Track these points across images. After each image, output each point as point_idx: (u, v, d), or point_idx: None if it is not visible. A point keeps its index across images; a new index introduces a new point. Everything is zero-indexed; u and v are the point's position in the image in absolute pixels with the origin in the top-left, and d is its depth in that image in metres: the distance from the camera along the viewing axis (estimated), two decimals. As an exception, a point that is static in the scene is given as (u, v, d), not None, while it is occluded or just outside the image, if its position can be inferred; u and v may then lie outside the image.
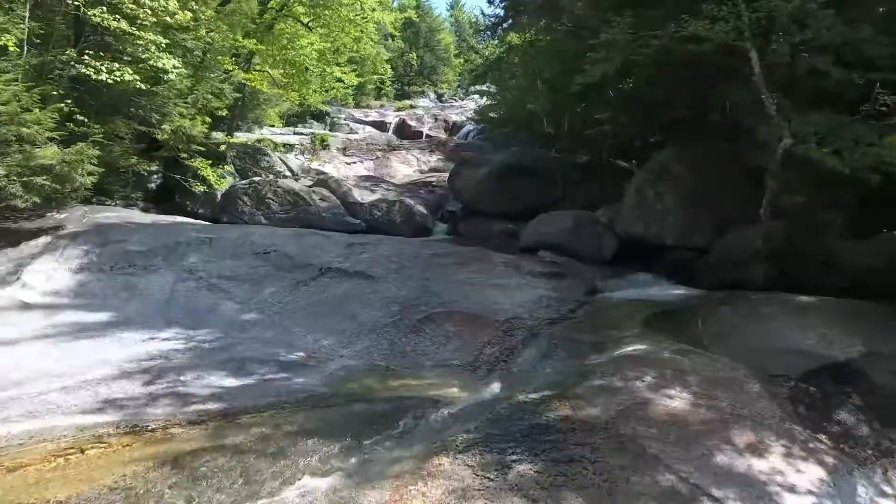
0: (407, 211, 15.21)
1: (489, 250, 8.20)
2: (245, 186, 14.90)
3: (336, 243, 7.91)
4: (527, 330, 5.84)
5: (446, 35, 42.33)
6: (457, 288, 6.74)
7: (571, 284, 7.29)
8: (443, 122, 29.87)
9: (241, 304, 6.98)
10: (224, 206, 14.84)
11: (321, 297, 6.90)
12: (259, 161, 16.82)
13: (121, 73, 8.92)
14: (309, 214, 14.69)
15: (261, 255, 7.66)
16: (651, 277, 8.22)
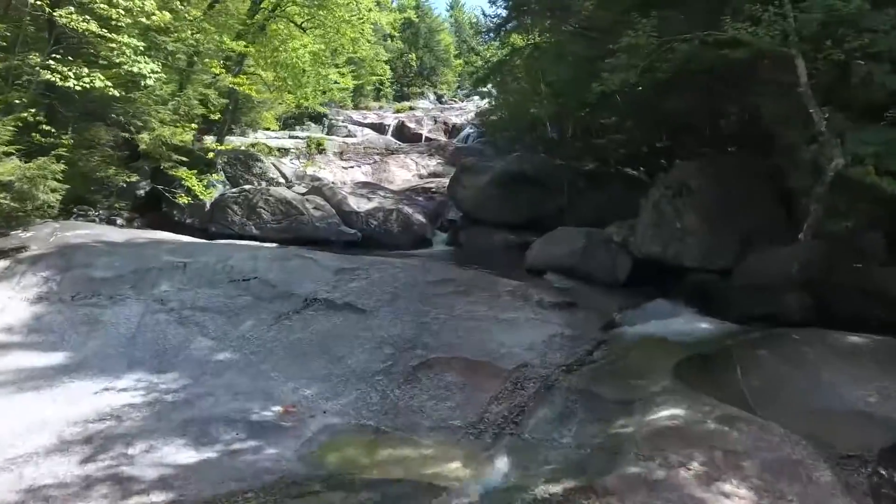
0: (405, 220, 14.35)
1: (493, 275, 7.31)
2: (235, 195, 14.03)
3: (324, 268, 7.03)
4: (539, 380, 4.97)
5: (446, 36, 41.35)
6: (458, 325, 5.87)
7: (586, 317, 6.42)
8: (442, 124, 28.96)
9: (215, 341, 6.11)
10: (213, 215, 13.97)
11: (305, 333, 6.03)
12: (251, 167, 15.94)
13: (90, 78, 8.03)
14: (302, 224, 13.83)
15: (239, 283, 6.79)
16: (670, 305, 7.35)
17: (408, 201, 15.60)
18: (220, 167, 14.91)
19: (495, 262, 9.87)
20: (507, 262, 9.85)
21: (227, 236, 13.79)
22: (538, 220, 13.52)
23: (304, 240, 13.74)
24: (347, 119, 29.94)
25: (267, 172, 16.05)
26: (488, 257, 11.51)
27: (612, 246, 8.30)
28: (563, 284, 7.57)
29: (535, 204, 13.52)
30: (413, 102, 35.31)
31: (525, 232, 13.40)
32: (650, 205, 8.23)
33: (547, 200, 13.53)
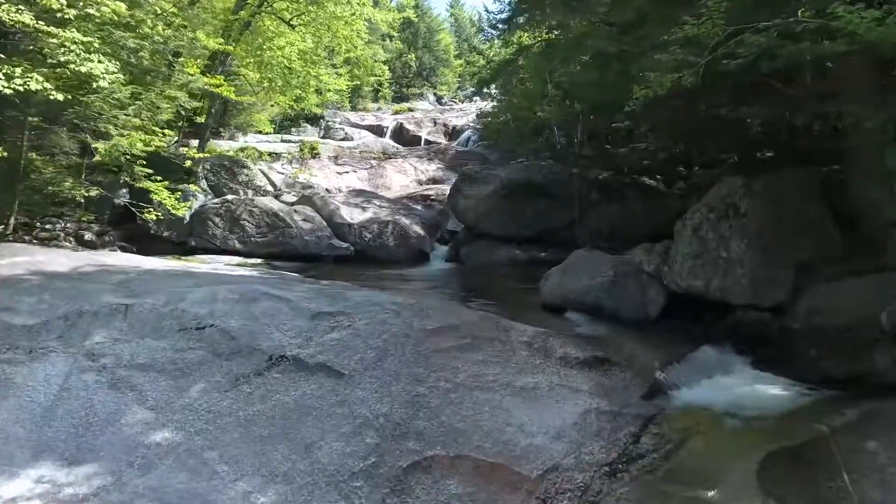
0: (401, 233, 12.91)
1: (503, 317, 5.85)
2: (217, 206, 12.59)
3: (297, 312, 5.58)
4: (576, 495, 3.54)
5: (446, 35, 39.85)
6: (463, 397, 4.43)
7: (624, 380, 4.97)
8: (443, 126, 27.51)
9: (153, 413, 4.66)
10: (193, 228, 12.53)
11: (266, 405, 4.58)
12: (237, 175, 14.48)
13: (23, 80, 6.57)
14: (289, 238, 12.39)
15: (192, 332, 5.33)
16: (718, 354, 5.92)
17: (405, 211, 14.16)
18: (201, 175, 13.46)
19: (502, 289, 8.45)
20: (516, 288, 8.42)
21: (207, 251, 12.37)
22: (547, 233, 12.11)
23: (291, 255, 12.34)
24: (345, 121, 28.51)
25: (254, 180, 14.60)
26: (493, 279, 10.08)
27: (643, 277, 6.85)
28: (588, 329, 6.11)
29: (544, 216, 12.09)
30: (412, 104, 33.84)
31: (532, 246, 11.98)
32: (688, 230, 6.78)
33: (556, 212, 12.10)
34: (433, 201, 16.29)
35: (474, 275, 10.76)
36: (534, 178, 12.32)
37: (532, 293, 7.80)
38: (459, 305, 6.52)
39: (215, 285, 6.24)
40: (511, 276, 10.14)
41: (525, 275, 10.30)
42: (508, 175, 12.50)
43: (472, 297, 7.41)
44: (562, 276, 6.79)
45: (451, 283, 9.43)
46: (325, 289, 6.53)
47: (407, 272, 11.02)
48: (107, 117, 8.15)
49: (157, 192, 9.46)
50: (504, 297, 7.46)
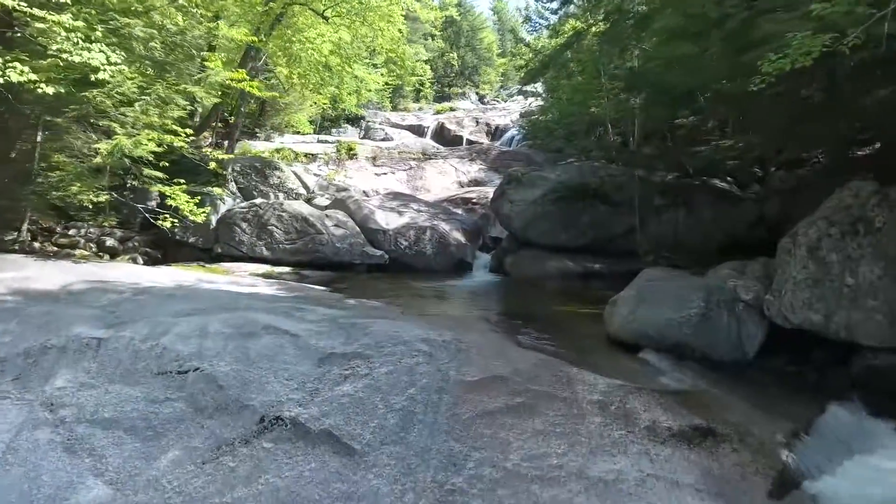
0: (440, 240, 11.61)
1: (565, 362, 4.46)
2: (244, 211, 11.58)
3: (303, 353, 4.34)
4: None
5: (489, 34, 38.35)
6: (518, 495, 3.10)
7: (741, 467, 3.51)
8: (485, 125, 26.12)
9: (111, 489, 3.52)
10: (219, 234, 11.57)
11: (251, 490, 3.34)
12: (268, 177, 13.49)
13: (2, 72, 5.58)
14: (319, 245, 11.27)
15: (172, 376, 4.17)
16: (850, 417, 4.37)
17: (444, 216, 12.86)
18: (230, 178, 12.50)
19: (557, 313, 7.03)
20: (574, 313, 6.99)
21: (234, 258, 11.38)
22: (602, 242, 10.61)
23: (321, 263, 11.22)
24: (385, 121, 27.51)
25: (286, 183, 13.57)
26: (544, 297, 8.66)
27: (739, 307, 5.32)
28: (675, 378, 4.64)
29: (599, 223, 10.59)
30: (454, 103, 32.55)
31: (586, 257, 10.50)
32: (802, 249, 5.21)
33: (613, 219, 10.58)
34: (475, 205, 14.95)
35: (522, 290, 9.37)
36: (588, 180, 10.82)
37: (593, 319, 6.37)
38: (507, 340, 5.15)
39: (212, 314, 5.06)
40: (565, 294, 8.71)
41: (580, 292, 8.86)
42: (559, 177, 11.03)
43: (521, 323, 6.02)
44: (636, 304, 5.34)
45: (496, 302, 8.07)
46: (344, 317, 5.27)
47: (445, 285, 9.72)
48: (114, 115, 7.12)
49: (175, 197, 8.43)
50: (560, 324, 6.07)
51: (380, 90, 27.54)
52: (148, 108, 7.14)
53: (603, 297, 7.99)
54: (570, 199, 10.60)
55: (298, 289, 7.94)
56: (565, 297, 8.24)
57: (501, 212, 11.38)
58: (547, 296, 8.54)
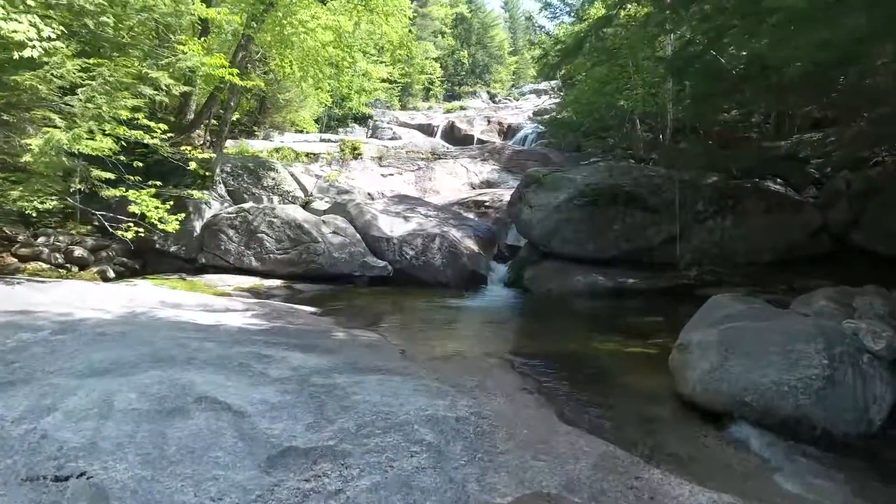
0: (451, 249, 10.08)
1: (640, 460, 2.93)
2: (231, 216, 10.12)
3: (248, 446, 2.83)
4: None
5: (500, 32, 36.71)
6: None
7: None
8: (496, 124, 24.55)
9: None
10: (204, 243, 10.12)
11: None
12: (261, 179, 12.02)
13: None
14: (315, 255, 9.78)
15: (43, 485, 2.68)
16: None
17: (455, 221, 11.34)
18: (218, 179, 11.05)
19: (598, 348, 5.47)
20: (618, 352, 5.44)
21: (220, 269, 9.94)
22: (637, 254, 9.03)
23: (317, 275, 9.74)
24: (393, 120, 26.05)
25: (281, 185, 12.09)
26: (574, 321, 7.10)
27: (863, 359, 3.74)
28: (799, 479, 3.10)
29: (633, 232, 9.00)
30: (464, 102, 30.99)
31: (618, 271, 8.92)
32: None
33: (650, 227, 9.00)
34: (488, 208, 13.41)
35: (547, 313, 7.81)
36: (619, 182, 9.24)
37: (650, 365, 4.81)
38: (545, 409, 3.61)
39: (134, 373, 3.55)
40: (600, 319, 7.15)
41: (617, 315, 7.28)
42: (586, 179, 9.45)
43: (558, 373, 4.48)
44: (721, 356, 3.76)
45: (519, 332, 6.52)
46: (321, 371, 3.77)
47: (456, 304, 8.19)
48: (53, 104, 5.65)
49: (140, 202, 6.97)
50: (609, 374, 4.50)
51: (385, 85, 26.06)
52: (93, 95, 5.67)
53: (650, 326, 6.47)
54: (599, 204, 9.03)
55: (281, 314, 6.43)
56: (602, 324, 6.67)
57: (520, 218, 9.82)
58: (579, 322, 6.97)
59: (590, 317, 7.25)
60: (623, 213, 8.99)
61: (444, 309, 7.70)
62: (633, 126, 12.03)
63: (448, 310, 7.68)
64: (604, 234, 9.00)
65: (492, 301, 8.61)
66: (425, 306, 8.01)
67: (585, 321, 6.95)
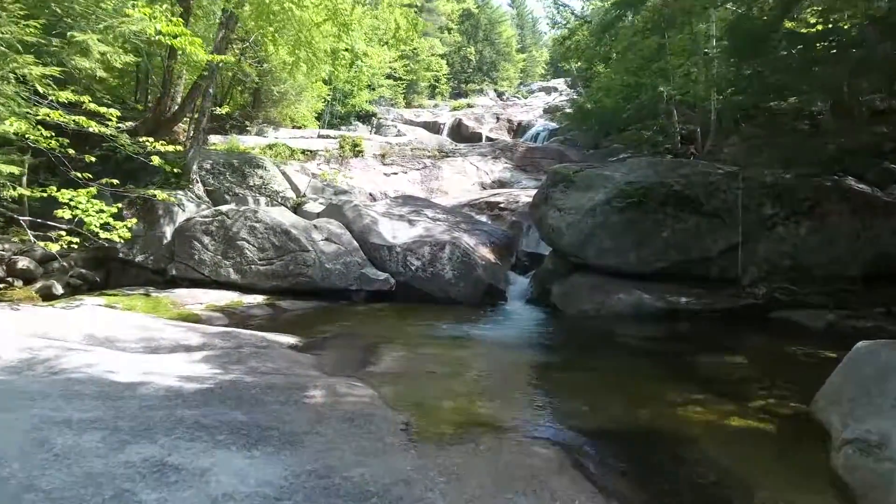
0: (463, 258, 8.37)
1: None
2: (206, 220, 8.43)
3: None
4: None
5: (507, 28, 34.86)
6: None
7: None
8: (506, 122, 22.83)
9: None
10: (175, 251, 8.43)
11: None
12: (247, 177, 10.30)
13: None
14: (303, 266, 8.09)
15: None
16: None
17: (467, 225, 9.62)
18: (195, 178, 9.35)
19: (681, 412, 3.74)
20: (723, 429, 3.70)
21: (194, 283, 8.25)
22: (689, 267, 7.29)
23: (306, 290, 8.07)
24: (398, 117, 24.33)
25: (270, 184, 10.39)
26: (625, 360, 5.34)
27: None
28: None
29: (685, 240, 7.26)
30: (471, 100, 29.25)
31: (667, 287, 7.17)
32: None
33: (705, 234, 7.25)
34: (502, 210, 11.67)
35: (587, 343, 6.07)
36: (667, 180, 7.49)
37: (768, 445, 3.10)
38: None
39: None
40: (658, 353, 5.41)
41: (678, 348, 5.55)
42: (627, 176, 7.71)
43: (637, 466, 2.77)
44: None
45: (559, 378, 4.76)
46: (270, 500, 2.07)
47: (471, 330, 6.46)
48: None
49: (75, 205, 5.28)
50: (726, 479, 2.79)
51: (390, 82, 24.41)
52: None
53: (733, 372, 4.71)
54: (643, 207, 7.29)
55: (246, 354, 4.71)
56: (666, 366, 4.92)
57: (545, 222, 8.09)
58: (634, 361, 5.22)
59: (645, 353, 5.50)
60: (673, 217, 7.24)
61: (459, 339, 5.97)
62: (668, 117, 10.27)
63: (463, 340, 5.95)
64: (649, 243, 7.26)
65: (515, 324, 6.88)
66: (434, 333, 6.29)
67: (642, 360, 5.20)
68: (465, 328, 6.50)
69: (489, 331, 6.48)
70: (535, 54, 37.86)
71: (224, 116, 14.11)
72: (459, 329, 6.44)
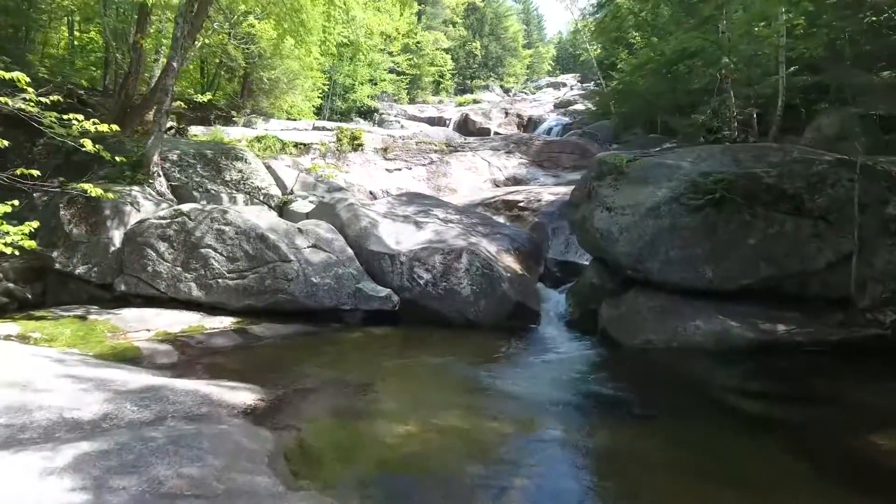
0: (485, 271, 6.46)
1: None
2: (163, 223, 6.54)
3: None
4: None
5: (514, 23, 32.89)
6: None
7: None
8: (515, 117, 20.93)
9: None
10: (125, 261, 6.54)
11: None
12: (223, 171, 8.40)
13: None
14: (284, 280, 6.20)
15: None
16: None
17: (485, 228, 7.73)
18: (156, 172, 7.46)
19: None
20: None
21: (148, 300, 6.38)
22: (785, 283, 5.37)
23: (287, 309, 6.16)
24: (401, 113, 22.44)
25: (250, 179, 8.50)
26: (748, 444, 3.43)
27: None
28: None
29: (782, 249, 5.34)
30: (477, 95, 27.35)
31: (754, 309, 5.25)
32: None
33: (809, 242, 5.33)
34: (523, 210, 9.76)
35: (661, 392, 4.18)
36: (754, 170, 5.58)
37: None
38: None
39: None
40: (777, 422, 3.52)
41: (803, 413, 3.65)
42: (699, 166, 5.81)
43: None
44: None
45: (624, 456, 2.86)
46: None
47: (498, 374, 4.59)
48: None
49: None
50: None
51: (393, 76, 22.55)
52: None
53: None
54: (725, 206, 5.39)
55: (161, 438, 2.85)
56: (799, 443, 3.06)
57: (590, 225, 6.17)
58: (748, 434, 3.32)
59: (759, 420, 3.60)
60: (764, 218, 5.34)
61: (486, 394, 4.08)
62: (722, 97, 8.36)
63: (492, 395, 4.07)
64: (732, 253, 5.36)
65: (558, 365, 4.98)
66: (452, 380, 4.42)
67: (760, 435, 3.32)
68: (493, 372, 4.62)
69: (525, 376, 4.59)
70: (542, 50, 35.93)
71: (208, 105, 12.24)
72: (485, 374, 4.55)
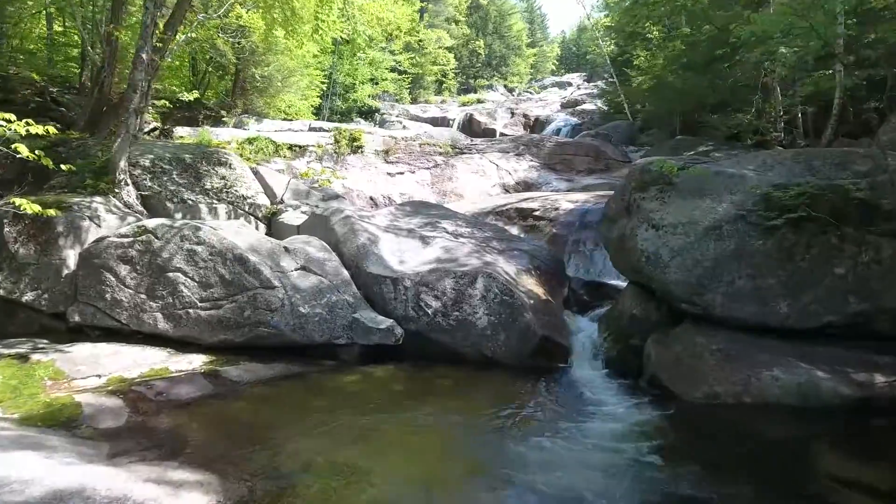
0: (504, 297, 5.34)
1: None
2: (125, 242, 5.44)
3: None
4: None
5: (518, 21, 31.73)
6: None
7: None
8: (521, 117, 19.85)
9: None
10: (79, 288, 5.45)
11: None
12: (202, 178, 7.30)
13: None
14: (266, 311, 5.08)
15: None
16: None
17: (500, 244, 6.64)
18: (123, 179, 6.37)
19: None
20: None
21: (107, 332, 5.30)
22: (875, 319, 4.26)
23: (270, 344, 5.05)
24: (403, 113, 21.34)
25: (234, 187, 7.40)
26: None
27: None
28: None
29: (877, 279, 4.23)
30: (480, 95, 26.24)
31: (838, 352, 4.13)
32: None
33: (906, 269, 4.18)
34: (538, 219, 8.68)
35: (743, 476, 3.10)
36: (840, 181, 4.48)
37: None
38: None
39: None
40: None
41: None
42: (768, 176, 4.72)
43: None
44: None
45: None
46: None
47: (523, 440, 3.53)
48: None
49: None
50: None
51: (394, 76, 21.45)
52: None
53: None
54: (803, 226, 4.30)
55: None
56: None
57: (632, 246, 5.08)
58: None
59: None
60: (854, 241, 4.25)
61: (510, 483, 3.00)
62: (765, 98, 7.25)
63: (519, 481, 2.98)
64: (814, 284, 4.27)
65: (603, 428, 3.89)
66: (467, 457, 3.33)
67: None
68: (519, 442, 3.54)
69: (562, 449, 3.50)
70: (546, 49, 34.78)
71: (195, 105, 11.15)
72: (511, 445, 3.48)
